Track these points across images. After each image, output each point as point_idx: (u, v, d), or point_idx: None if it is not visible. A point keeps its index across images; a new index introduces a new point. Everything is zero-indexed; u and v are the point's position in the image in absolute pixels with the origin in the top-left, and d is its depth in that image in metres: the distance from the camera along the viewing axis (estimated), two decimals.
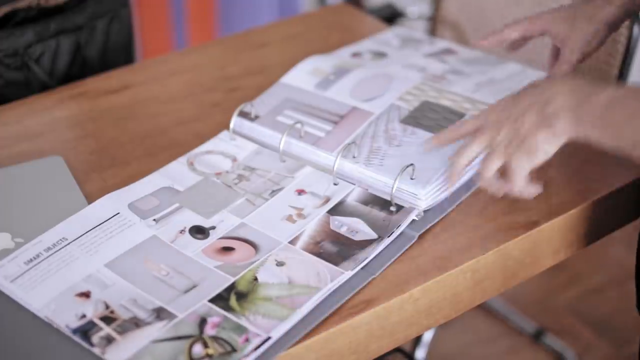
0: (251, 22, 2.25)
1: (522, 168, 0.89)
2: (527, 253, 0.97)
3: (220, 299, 0.87)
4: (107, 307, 0.86)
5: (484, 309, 1.91)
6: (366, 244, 0.94)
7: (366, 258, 0.92)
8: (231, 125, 1.09)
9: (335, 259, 0.92)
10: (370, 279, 0.90)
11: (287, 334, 0.83)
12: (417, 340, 1.77)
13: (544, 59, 1.13)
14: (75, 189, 1.01)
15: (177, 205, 0.99)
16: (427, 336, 1.78)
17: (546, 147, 0.87)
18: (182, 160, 1.06)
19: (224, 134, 1.10)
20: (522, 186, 0.90)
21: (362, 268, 0.91)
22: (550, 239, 0.99)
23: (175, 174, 1.04)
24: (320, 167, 1.05)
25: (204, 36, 2.28)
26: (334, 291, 0.88)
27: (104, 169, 1.06)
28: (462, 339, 1.87)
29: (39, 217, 0.97)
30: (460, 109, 1.11)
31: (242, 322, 0.84)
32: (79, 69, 1.30)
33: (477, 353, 1.85)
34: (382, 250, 0.93)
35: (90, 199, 1.00)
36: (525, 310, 1.91)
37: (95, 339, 0.83)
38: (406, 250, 0.93)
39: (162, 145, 1.11)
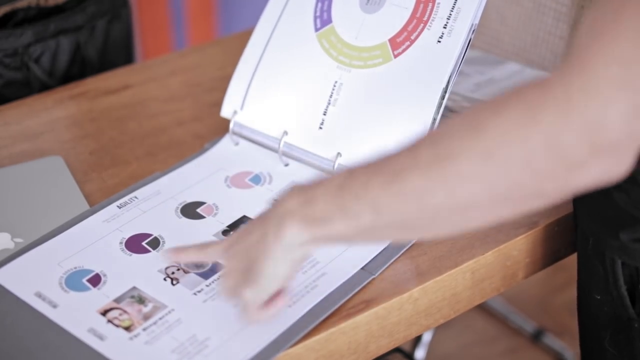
0: (251, 22, 2.24)
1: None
2: (527, 253, 0.97)
3: None
4: None
5: (484, 309, 1.91)
6: None
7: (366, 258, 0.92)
8: (231, 126, 1.09)
9: None
10: (370, 279, 0.90)
11: (287, 333, 0.83)
12: (417, 340, 1.77)
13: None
14: (75, 189, 1.01)
15: None
16: (427, 336, 1.78)
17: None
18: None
19: (226, 139, 1.09)
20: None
21: (362, 268, 0.91)
22: (550, 239, 0.99)
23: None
24: (320, 168, 1.04)
25: (204, 36, 2.28)
26: (334, 291, 0.88)
27: (104, 169, 1.06)
28: (462, 339, 1.87)
29: (39, 217, 0.97)
30: (460, 108, 1.11)
31: None
32: (79, 69, 1.30)
33: (477, 353, 1.85)
34: (381, 250, 0.93)
35: (90, 199, 1.00)
36: (525, 310, 1.91)
37: None
38: (406, 250, 0.93)
39: (162, 145, 1.11)
